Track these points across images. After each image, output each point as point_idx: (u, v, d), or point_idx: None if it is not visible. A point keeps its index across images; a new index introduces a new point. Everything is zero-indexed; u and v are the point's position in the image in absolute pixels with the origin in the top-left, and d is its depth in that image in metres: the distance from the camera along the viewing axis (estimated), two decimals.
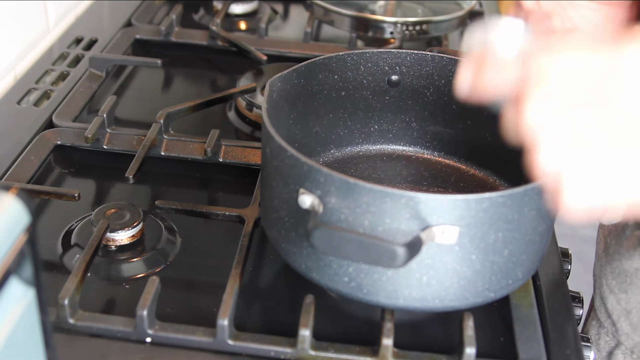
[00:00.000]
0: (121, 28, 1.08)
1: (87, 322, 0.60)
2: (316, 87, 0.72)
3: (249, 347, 0.59)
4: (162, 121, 0.82)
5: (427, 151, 0.78)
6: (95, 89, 0.93)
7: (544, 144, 0.45)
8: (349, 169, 0.75)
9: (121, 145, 0.82)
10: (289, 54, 1.05)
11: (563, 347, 0.62)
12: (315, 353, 0.59)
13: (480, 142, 0.74)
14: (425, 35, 1.06)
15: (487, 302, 0.60)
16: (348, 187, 0.54)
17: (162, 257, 0.69)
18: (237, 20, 1.16)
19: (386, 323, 0.59)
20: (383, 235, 0.55)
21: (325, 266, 0.58)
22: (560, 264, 0.71)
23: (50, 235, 0.71)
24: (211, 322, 0.59)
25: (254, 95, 0.91)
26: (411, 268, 0.56)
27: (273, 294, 0.67)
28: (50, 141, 0.82)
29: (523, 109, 0.45)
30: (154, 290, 0.59)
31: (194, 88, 1.03)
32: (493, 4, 1.25)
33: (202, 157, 0.81)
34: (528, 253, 0.59)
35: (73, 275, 0.61)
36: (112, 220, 0.68)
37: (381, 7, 1.13)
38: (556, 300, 0.66)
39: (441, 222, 0.54)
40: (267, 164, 0.62)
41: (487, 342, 0.62)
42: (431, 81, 0.75)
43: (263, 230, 0.67)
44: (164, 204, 0.73)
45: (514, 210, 0.55)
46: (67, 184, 0.80)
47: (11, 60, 0.95)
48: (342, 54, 0.72)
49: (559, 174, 0.45)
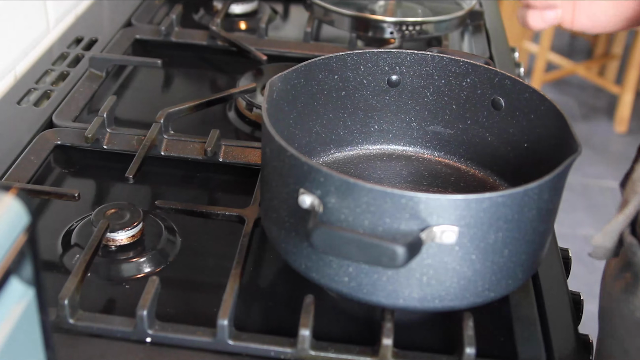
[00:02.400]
0: (121, 28, 1.08)
1: (87, 322, 0.60)
2: (316, 87, 0.72)
3: (249, 347, 0.59)
4: (162, 121, 0.82)
5: (427, 151, 0.78)
6: (95, 89, 0.93)
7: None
8: (349, 169, 0.75)
9: (121, 145, 0.82)
10: (289, 54, 1.05)
11: (563, 347, 0.62)
12: (315, 353, 0.59)
13: (480, 142, 0.74)
14: (425, 35, 1.06)
15: (487, 302, 0.60)
16: (348, 187, 0.54)
17: (162, 257, 0.69)
18: (237, 20, 1.16)
19: (386, 323, 0.59)
20: (383, 235, 0.55)
21: (325, 266, 0.58)
22: (560, 264, 0.71)
23: (50, 235, 0.71)
24: (211, 322, 0.59)
25: (254, 95, 0.91)
26: (411, 268, 0.56)
27: (273, 294, 0.67)
28: (50, 141, 0.82)
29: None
30: (154, 290, 0.59)
31: (194, 88, 1.03)
32: (493, 4, 1.25)
33: (202, 157, 0.81)
34: (528, 253, 0.59)
35: (73, 275, 0.61)
36: (112, 220, 0.68)
37: (381, 7, 1.13)
38: (556, 300, 0.66)
39: (441, 222, 0.54)
40: (267, 164, 0.62)
41: (487, 342, 0.62)
42: (431, 81, 0.75)
43: (263, 230, 0.67)
44: (164, 204, 0.73)
45: (514, 210, 0.55)
46: (67, 184, 0.80)
47: (11, 60, 0.95)
48: (342, 54, 0.72)
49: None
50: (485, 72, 0.72)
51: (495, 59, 1.06)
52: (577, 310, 0.68)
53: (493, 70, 0.71)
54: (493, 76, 0.71)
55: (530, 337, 0.62)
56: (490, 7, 1.23)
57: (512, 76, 0.70)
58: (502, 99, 0.71)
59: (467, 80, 0.73)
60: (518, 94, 0.70)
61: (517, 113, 0.70)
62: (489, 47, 1.10)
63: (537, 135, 0.69)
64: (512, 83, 0.70)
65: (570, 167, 0.58)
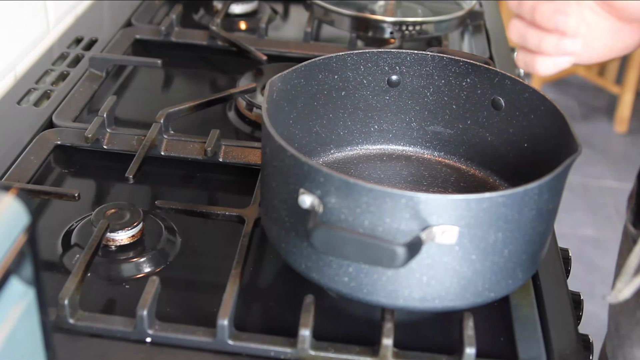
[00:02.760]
0: (121, 28, 1.08)
1: (87, 322, 0.60)
2: (316, 87, 0.72)
3: (249, 347, 0.59)
4: (162, 121, 0.82)
5: (427, 151, 0.78)
6: (95, 89, 0.93)
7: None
8: (349, 169, 0.75)
9: (121, 145, 0.82)
10: (289, 54, 1.05)
11: (563, 347, 0.62)
12: (315, 353, 0.59)
13: (480, 142, 0.74)
14: (425, 35, 1.06)
15: (487, 302, 0.60)
16: (348, 187, 0.54)
17: (162, 257, 0.69)
18: (237, 20, 1.16)
19: (386, 323, 0.59)
20: (383, 235, 0.55)
21: (325, 266, 0.58)
22: (560, 264, 0.71)
23: (50, 235, 0.71)
24: (211, 322, 0.59)
25: (254, 95, 0.91)
26: (411, 268, 0.56)
27: (273, 294, 0.67)
28: (50, 141, 0.82)
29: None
30: (154, 290, 0.59)
31: (194, 88, 1.03)
32: (493, 4, 1.25)
33: (202, 157, 0.81)
34: (528, 253, 0.59)
35: (73, 275, 0.61)
36: (112, 220, 0.68)
37: (381, 7, 1.13)
38: (556, 300, 0.66)
39: (441, 222, 0.54)
40: (267, 164, 0.62)
41: (487, 342, 0.62)
42: (431, 81, 0.75)
43: (263, 230, 0.67)
44: (164, 204, 0.73)
45: (514, 210, 0.55)
46: (67, 184, 0.80)
47: (11, 60, 0.95)
48: (342, 54, 0.72)
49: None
50: (485, 72, 0.72)
51: (495, 59, 1.06)
52: (577, 310, 0.68)
53: (493, 70, 0.71)
54: (493, 76, 0.71)
55: (530, 337, 0.62)
56: (490, 7, 1.23)
57: (512, 76, 0.70)
58: (502, 99, 0.71)
59: (467, 80, 0.73)
60: (518, 94, 0.70)
61: (517, 113, 0.70)
62: (489, 47, 1.10)
63: (537, 135, 0.69)
64: (512, 83, 0.70)
65: (570, 167, 0.58)
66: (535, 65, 0.60)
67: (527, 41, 0.59)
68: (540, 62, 0.60)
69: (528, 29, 0.59)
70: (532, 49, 0.59)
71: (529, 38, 0.59)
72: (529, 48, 0.60)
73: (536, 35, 0.58)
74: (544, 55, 0.59)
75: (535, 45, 0.59)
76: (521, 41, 0.60)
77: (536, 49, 0.59)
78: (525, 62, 0.61)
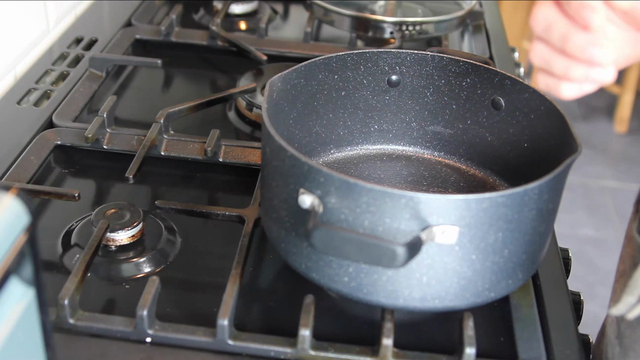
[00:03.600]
0: (121, 28, 1.08)
1: (87, 322, 0.60)
2: (316, 87, 0.72)
3: (249, 347, 0.59)
4: (162, 121, 0.82)
5: (427, 151, 0.78)
6: (95, 89, 0.93)
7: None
8: (349, 169, 0.75)
9: (121, 145, 0.82)
10: (289, 54, 1.05)
11: (563, 347, 0.62)
12: (315, 353, 0.59)
13: (480, 142, 0.74)
14: (425, 35, 1.06)
15: (487, 302, 0.60)
16: (348, 187, 0.54)
17: (162, 257, 0.69)
18: (237, 20, 1.16)
19: (386, 323, 0.59)
20: (383, 235, 0.55)
21: (325, 266, 0.58)
22: (560, 264, 0.71)
23: (50, 235, 0.71)
24: (211, 322, 0.59)
25: (254, 95, 0.91)
26: (411, 268, 0.56)
27: (273, 294, 0.67)
28: (50, 141, 0.82)
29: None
30: (154, 290, 0.59)
31: (194, 88, 1.03)
32: (493, 4, 1.25)
33: (202, 157, 0.81)
34: (528, 253, 0.59)
35: (73, 275, 0.61)
36: (112, 220, 0.68)
37: (381, 7, 1.13)
38: (556, 300, 0.66)
39: (441, 222, 0.54)
40: (267, 164, 0.62)
41: (487, 342, 0.62)
42: (431, 81, 0.75)
43: (263, 230, 0.67)
44: (164, 204, 0.73)
45: (514, 210, 0.55)
46: (67, 184, 0.80)
47: (11, 60, 0.95)
48: (342, 54, 0.72)
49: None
50: (485, 72, 0.72)
51: (495, 59, 1.06)
52: (577, 310, 0.68)
53: (493, 70, 0.71)
54: (493, 76, 0.71)
55: (530, 337, 0.62)
56: (490, 7, 1.23)
57: (512, 76, 0.70)
58: (502, 99, 0.71)
59: (467, 80, 0.73)
60: (518, 94, 0.70)
61: (517, 113, 0.70)
62: (489, 47, 1.10)
63: (537, 135, 0.69)
64: (512, 83, 0.70)
65: (570, 167, 0.58)
66: (560, 90, 0.57)
67: (552, 67, 0.56)
68: (565, 88, 0.57)
69: (554, 54, 0.56)
70: (558, 75, 0.56)
71: (556, 64, 0.56)
72: (553, 74, 0.57)
73: (564, 62, 0.56)
74: (570, 81, 0.56)
75: (561, 72, 0.56)
76: (546, 66, 0.57)
77: (562, 76, 0.56)
78: (547, 85, 0.58)
